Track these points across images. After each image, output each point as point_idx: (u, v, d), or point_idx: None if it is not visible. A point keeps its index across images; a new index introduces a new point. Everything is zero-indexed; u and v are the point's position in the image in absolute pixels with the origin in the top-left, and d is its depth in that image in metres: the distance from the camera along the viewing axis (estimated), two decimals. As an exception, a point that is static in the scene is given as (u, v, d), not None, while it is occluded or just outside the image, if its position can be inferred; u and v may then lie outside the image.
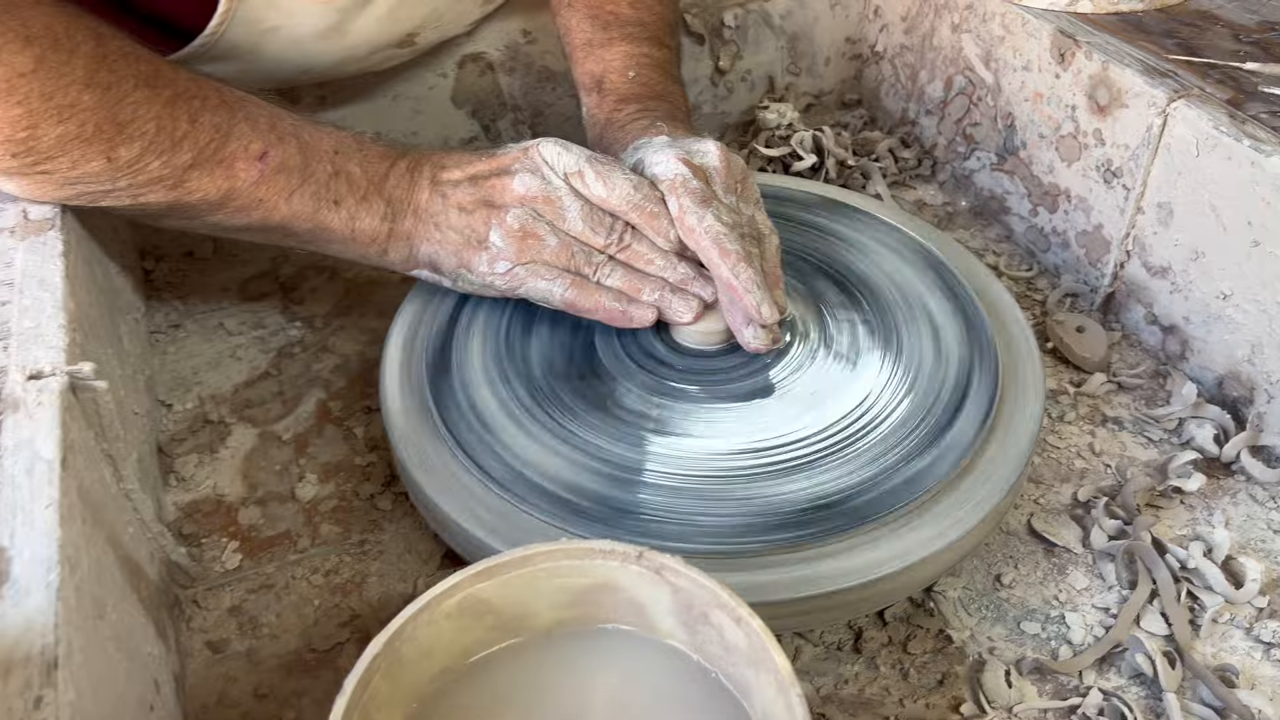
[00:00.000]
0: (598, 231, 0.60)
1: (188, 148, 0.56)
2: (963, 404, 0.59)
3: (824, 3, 0.95)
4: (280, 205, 0.60)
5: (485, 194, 0.60)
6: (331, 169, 0.61)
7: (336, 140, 0.62)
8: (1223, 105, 0.66)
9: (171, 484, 0.65)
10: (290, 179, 0.59)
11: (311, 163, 0.60)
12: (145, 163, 0.56)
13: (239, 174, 0.58)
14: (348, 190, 0.61)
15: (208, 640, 0.56)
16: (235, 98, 0.59)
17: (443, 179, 0.62)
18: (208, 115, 0.57)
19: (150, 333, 0.76)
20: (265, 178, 0.59)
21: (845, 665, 0.55)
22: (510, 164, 0.61)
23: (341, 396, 0.71)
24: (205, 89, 0.58)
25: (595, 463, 0.56)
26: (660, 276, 0.62)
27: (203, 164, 0.57)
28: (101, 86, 0.53)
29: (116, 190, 0.56)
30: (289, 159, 0.59)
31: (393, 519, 0.63)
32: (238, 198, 0.59)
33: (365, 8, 0.70)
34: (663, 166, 0.61)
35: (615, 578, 0.45)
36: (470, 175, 0.61)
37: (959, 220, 0.87)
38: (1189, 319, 0.69)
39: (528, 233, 0.60)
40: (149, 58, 0.57)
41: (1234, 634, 0.56)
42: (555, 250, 0.60)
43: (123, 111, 0.54)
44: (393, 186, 0.62)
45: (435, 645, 0.43)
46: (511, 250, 0.60)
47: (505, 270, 0.61)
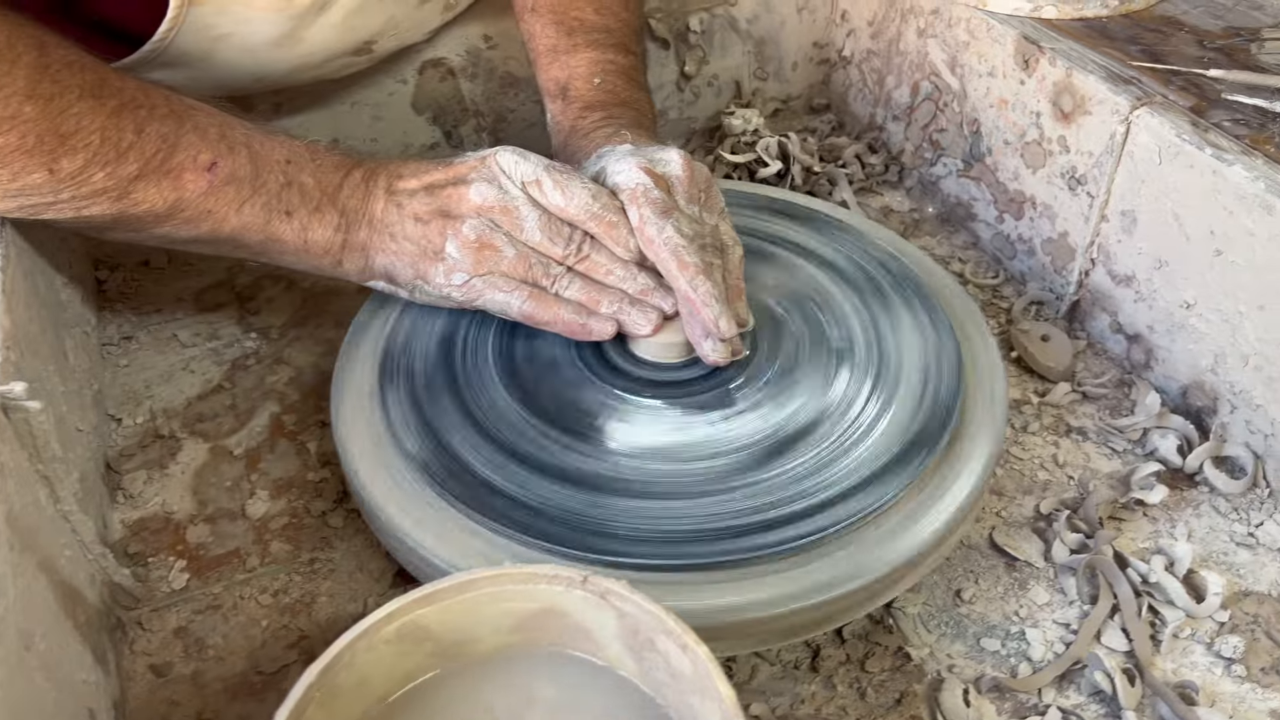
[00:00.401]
0: (555, 242, 0.59)
1: (133, 159, 0.55)
2: (922, 416, 0.58)
3: (790, 7, 0.94)
4: (230, 216, 0.58)
5: (441, 204, 0.59)
6: (283, 179, 0.59)
7: (289, 150, 0.60)
8: (1185, 113, 0.65)
9: (119, 501, 0.64)
10: (240, 190, 0.58)
11: (263, 173, 0.59)
12: (89, 174, 0.54)
13: (187, 185, 0.57)
14: (300, 201, 0.60)
15: (151, 664, 0.55)
16: (184, 107, 0.58)
17: (398, 189, 0.61)
18: (155, 125, 0.56)
19: (102, 345, 0.74)
20: (214, 189, 0.57)
21: (802, 684, 0.54)
22: (467, 173, 0.60)
23: (295, 410, 0.70)
24: (153, 98, 0.57)
25: (551, 478, 0.55)
26: (619, 288, 0.60)
27: (149, 175, 0.56)
28: (44, 98, 0.52)
29: (59, 203, 0.55)
30: (239, 169, 0.58)
31: (344, 536, 0.61)
32: (186, 209, 0.57)
33: (320, 16, 0.69)
34: (624, 175, 0.60)
35: (561, 603, 0.44)
36: (426, 185, 0.60)
37: (926, 227, 0.87)
38: (1153, 328, 0.69)
39: (484, 243, 0.58)
40: (95, 67, 0.55)
41: (1195, 649, 0.55)
42: (512, 261, 0.59)
43: (66, 123, 0.53)
44: (347, 197, 0.61)
45: (373, 672, 0.42)
46: (468, 261, 0.59)
47: (462, 282, 0.59)
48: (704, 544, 0.51)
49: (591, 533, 0.52)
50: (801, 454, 0.56)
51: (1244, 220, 0.60)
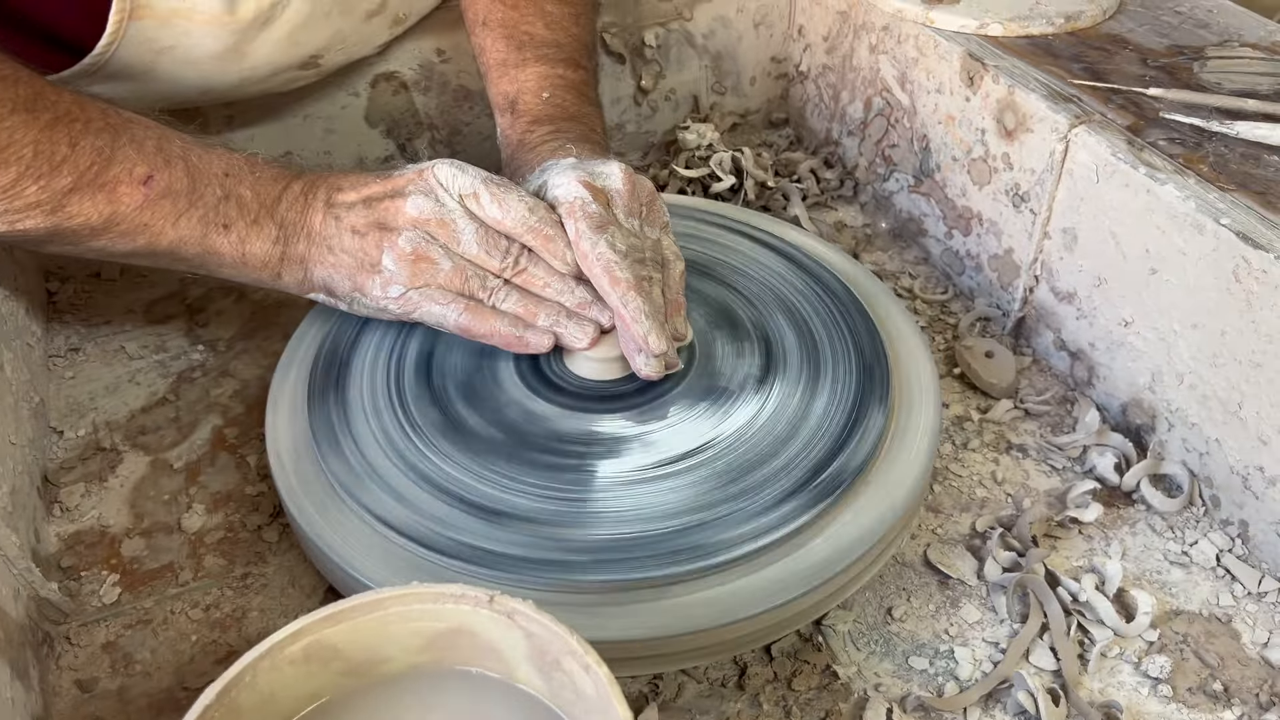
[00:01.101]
0: (492, 254, 0.59)
1: (67, 172, 0.55)
2: (853, 431, 0.58)
3: (747, 22, 0.94)
4: (167, 230, 0.58)
5: (378, 216, 0.59)
6: (221, 192, 0.59)
7: (227, 162, 0.60)
8: (1122, 132, 0.65)
9: (55, 514, 0.63)
10: (177, 203, 0.58)
11: (199, 186, 0.59)
12: (21, 188, 0.54)
13: (122, 198, 0.57)
14: (238, 214, 0.60)
15: (77, 679, 0.55)
16: (121, 120, 0.58)
17: (337, 201, 0.61)
18: (90, 139, 0.56)
19: (48, 356, 0.74)
20: (150, 202, 0.57)
21: (728, 702, 0.54)
22: (404, 186, 0.60)
23: (238, 423, 0.70)
24: (89, 112, 0.57)
25: (462, 503, 0.55)
26: (556, 301, 0.61)
27: (83, 188, 0.56)
28: None
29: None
30: (175, 182, 0.58)
31: (278, 551, 0.61)
32: (121, 222, 0.57)
33: (263, 30, 0.69)
34: (563, 189, 0.60)
35: (470, 622, 0.43)
36: (364, 198, 0.60)
37: (878, 242, 0.87)
38: (1094, 345, 0.69)
39: (420, 256, 0.59)
40: (29, 80, 0.55)
41: (1123, 669, 0.55)
42: (449, 274, 0.59)
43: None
44: (285, 209, 0.61)
45: (278, 693, 0.42)
46: (404, 274, 0.59)
47: (398, 294, 0.59)
48: (632, 565, 0.52)
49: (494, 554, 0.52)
50: (724, 468, 0.56)
51: (1176, 239, 0.60)
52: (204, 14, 0.65)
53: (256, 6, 0.66)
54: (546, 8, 0.75)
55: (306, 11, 0.70)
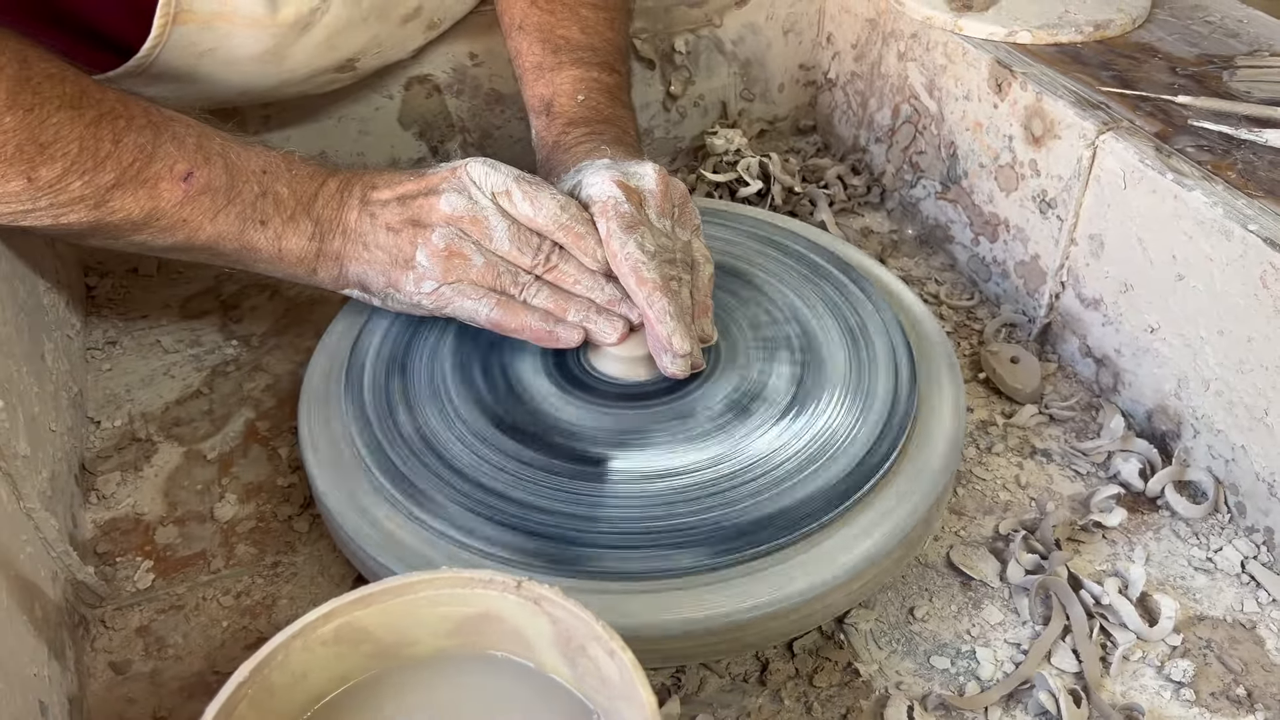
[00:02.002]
0: (524, 251, 0.60)
1: (110, 168, 0.57)
2: (877, 435, 0.58)
3: (776, 29, 0.95)
4: (205, 225, 0.60)
5: (413, 214, 0.61)
6: (259, 189, 0.61)
7: (265, 160, 0.62)
8: (1150, 138, 0.65)
9: (92, 501, 0.65)
10: (215, 199, 0.60)
11: (238, 183, 0.60)
12: (67, 183, 0.56)
13: (163, 194, 0.58)
14: (274, 210, 0.61)
15: (111, 661, 0.56)
16: (163, 118, 0.59)
17: (372, 199, 0.62)
18: (132, 135, 0.57)
19: (86, 349, 0.76)
20: (190, 198, 0.59)
21: (750, 698, 0.54)
22: (438, 184, 0.61)
23: (270, 416, 0.71)
24: (132, 109, 0.58)
25: (491, 494, 0.56)
26: (586, 297, 0.62)
27: (126, 184, 0.57)
28: (24, 109, 0.54)
29: (37, 210, 0.57)
30: (214, 179, 0.59)
31: (308, 541, 0.62)
32: (162, 218, 0.59)
33: (303, 34, 0.70)
34: (597, 188, 0.61)
35: (497, 607, 0.44)
36: (399, 195, 0.62)
37: (904, 248, 0.87)
38: (1120, 351, 0.69)
39: (453, 252, 0.60)
40: (76, 78, 0.57)
41: (1145, 672, 0.55)
42: (481, 270, 0.60)
43: (44, 133, 0.54)
44: (321, 206, 0.62)
45: (309, 672, 0.43)
46: (438, 270, 0.60)
47: (431, 290, 0.61)
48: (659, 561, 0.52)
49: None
50: (748, 469, 0.57)
51: (1203, 245, 0.60)
52: (245, 17, 0.66)
53: (296, 11, 0.68)
54: (582, 12, 0.76)
55: (345, 16, 0.71)
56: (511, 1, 0.77)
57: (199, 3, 0.65)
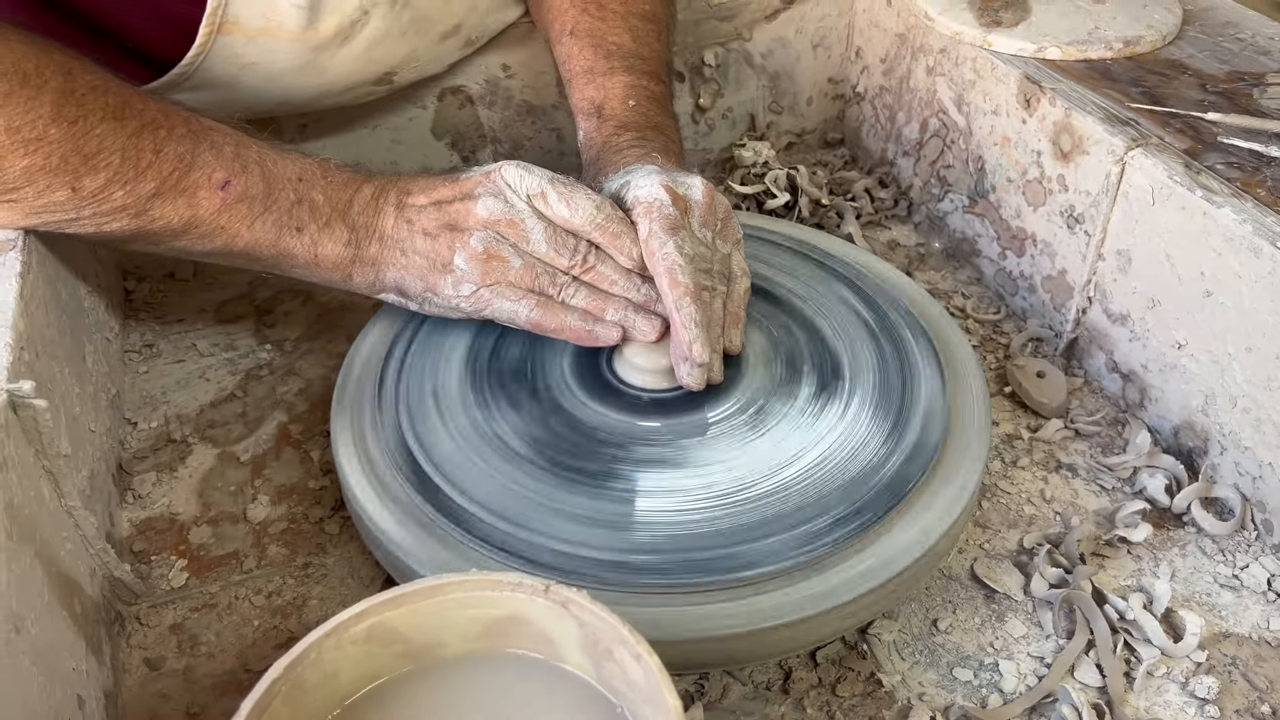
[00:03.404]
0: (561, 252, 0.61)
1: (151, 177, 0.58)
2: (901, 446, 0.59)
3: (805, 43, 0.96)
4: (243, 232, 0.61)
5: (449, 218, 0.62)
6: (294, 196, 0.62)
7: (301, 167, 0.63)
8: (1179, 155, 0.66)
9: (128, 501, 0.66)
10: (252, 207, 0.61)
11: (274, 190, 0.61)
12: (109, 192, 0.57)
13: (201, 202, 0.59)
14: (310, 217, 0.62)
15: (146, 657, 0.57)
16: (202, 127, 0.61)
17: (407, 204, 0.63)
18: (172, 145, 0.59)
19: (124, 351, 0.77)
20: (227, 205, 0.60)
21: (772, 705, 0.55)
22: (473, 188, 0.62)
23: (303, 420, 0.72)
24: (173, 119, 0.59)
25: (515, 501, 0.57)
26: (624, 297, 0.62)
27: (166, 193, 0.59)
28: (68, 120, 0.55)
29: (81, 219, 0.58)
30: (251, 187, 0.61)
31: (339, 543, 0.63)
32: (200, 225, 0.60)
33: (342, 47, 0.72)
34: (645, 190, 0.62)
35: (525, 610, 0.45)
36: (434, 200, 0.63)
37: (931, 262, 0.87)
38: (1147, 367, 0.69)
39: (491, 255, 0.61)
40: (118, 90, 0.58)
41: (1169, 688, 0.55)
42: (519, 271, 0.61)
43: (88, 144, 0.56)
44: (357, 213, 0.63)
45: (340, 670, 0.44)
46: (476, 272, 0.61)
47: (470, 292, 0.62)
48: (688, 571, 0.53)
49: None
50: (777, 480, 0.57)
51: (1232, 262, 0.60)
52: (289, 30, 0.68)
53: (338, 24, 0.69)
54: (633, 22, 0.77)
55: (384, 29, 0.72)
56: (561, 9, 0.78)
57: (244, 15, 0.66)
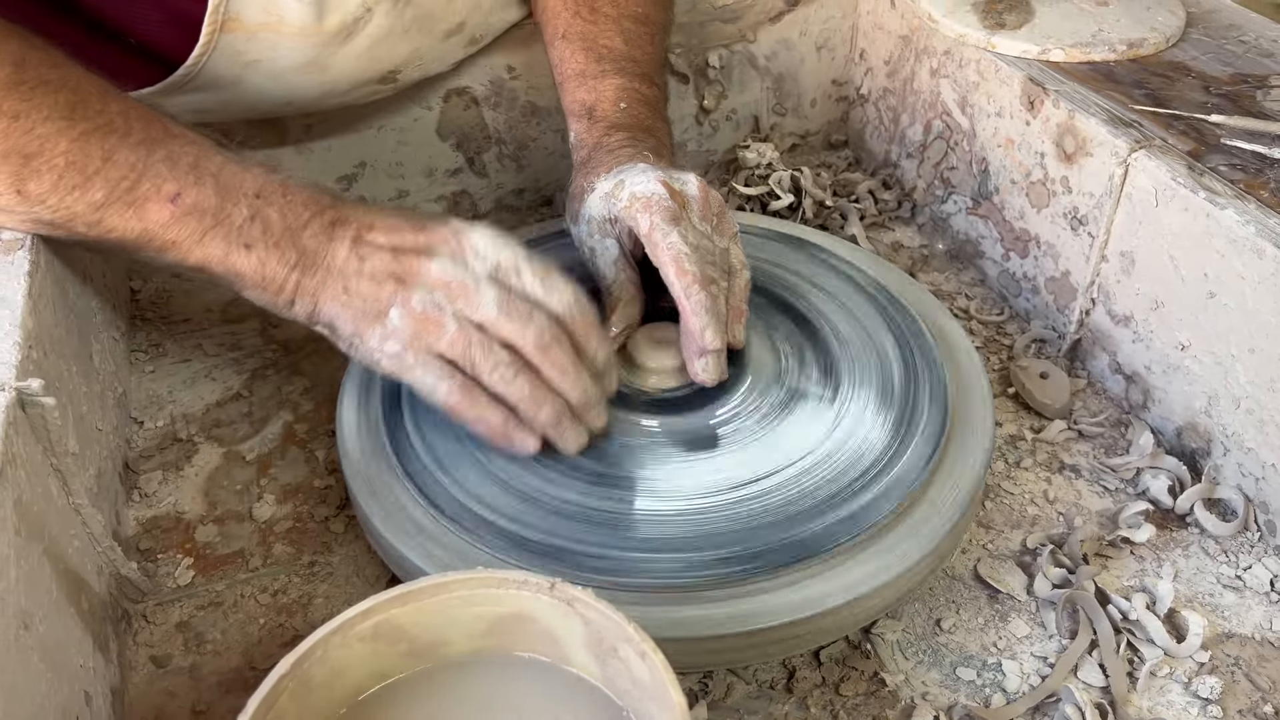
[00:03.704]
0: (513, 318, 0.56)
1: (99, 185, 0.55)
2: (904, 447, 0.59)
3: (809, 45, 0.96)
4: (194, 248, 0.57)
5: (400, 269, 0.57)
6: (248, 212, 0.57)
7: (261, 183, 0.59)
8: (1183, 157, 0.66)
9: (134, 500, 0.66)
10: (203, 220, 0.57)
11: (226, 205, 0.57)
12: (59, 198, 0.55)
13: (150, 214, 0.56)
14: (261, 235, 0.57)
15: (152, 655, 0.57)
16: (163, 134, 0.57)
17: (365, 239, 0.59)
18: (124, 153, 0.55)
19: (130, 351, 0.78)
20: (176, 219, 0.56)
21: (776, 704, 0.55)
22: (436, 244, 0.58)
23: (308, 419, 0.73)
24: (131, 124, 0.56)
25: (524, 501, 0.57)
26: (564, 395, 0.58)
27: (114, 203, 0.55)
28: (8, 115, 0.53)
29: (42, 223, 0.56)
30: (203, 200, 0.57)
31: (344, 542, 0.64)
32: (153, 239, 0.57)
33: (345, 44, 0.72)
34: (642, 186, 0.62)
35: (530, 608, 0.45)
36: (393, 245, 0.58)
37: (935, 263, 0.88)
38: (1150, 368, 0.69)
39: (428, 318, 0.56)
40: (75, 88, 0.55)
41: (1172, 688, 0.56)
42: (452, 337, 0.56)
43: (29, 143, 0.53)
44: (309, 237, 0.58)
45: (347, 668, 0.44)
46: (406, 332, 0.57)
47: (394, 351, 0.57)
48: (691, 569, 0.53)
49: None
50: (781, 479, 0.58)
51: (1235, 263, 0.61)
52: (291, 26, 0.68)
53: (341, 20, 0.69)
54: (626, 25, 0.77)
55: (387, 26, 0.72)
56: (555, 12, 0.78)
57: (247, 12, 0.66)
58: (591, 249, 0.67)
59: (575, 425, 0.59)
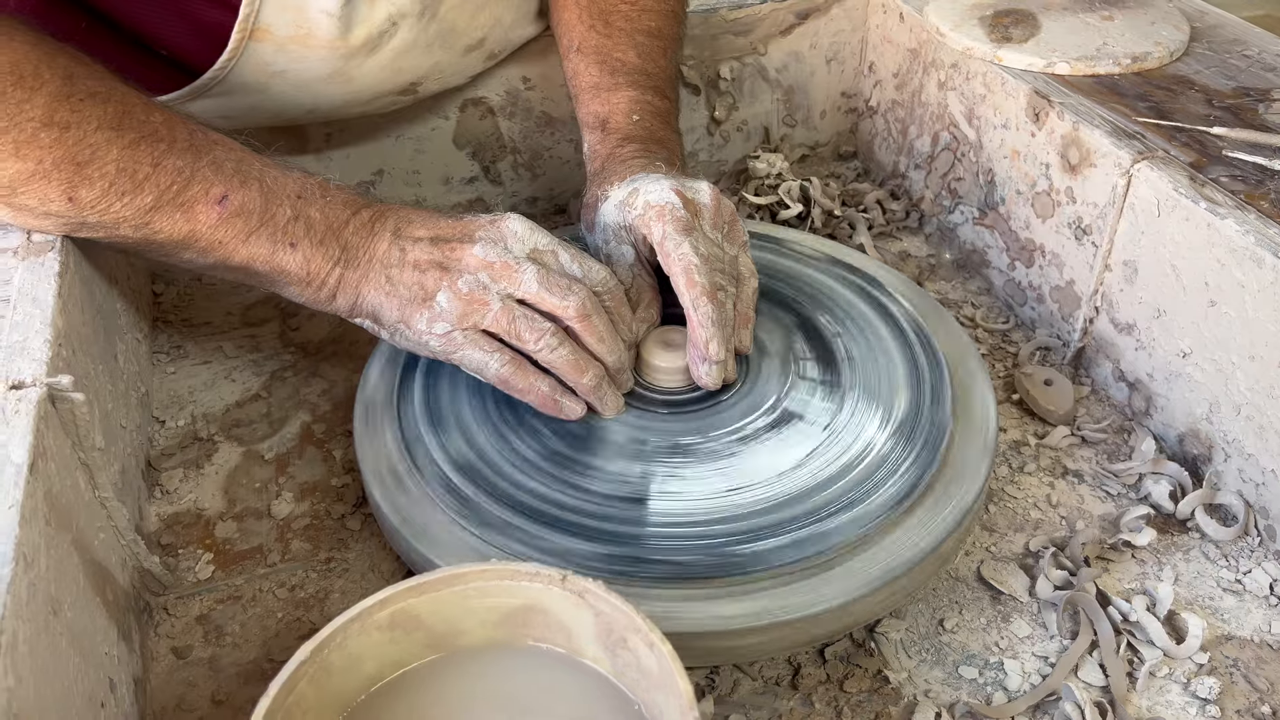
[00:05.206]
0: (553, 292, 0.60)
1: (149, 190, 0.58)
2: (912, 450, 0.60)
3: (819, 58, 0.98)
4: (239, 248, 0.60)
5: (443, 256, 0.61)
6: (291, 213, 0.61)
7: (301, 185, 0.62)
8: (1184, 168, 0.67)
9: (156, 496, 0.68)
10: (249, 221, 0.60)
11: (271, 206, 0.61)
12: (108, 203, 0.57)
13: (199, 216, 0.59)
14: (305, 233, 0.61)
15: (173, 646, 0.59)
16: (206, 141, 0.61)
17: (405, 233, 0.62)
18: (172, 159, 0.58)
19: (153, 352, 0.80)
20: (224, 220, 0.60)
21: (781, 700, 0.56)
22: (475, 230, 0.62)
23: (325, 420, 0.74)
24: (176, 132, 0.59)
25: (535, 497, 0.59)
26: (604, 360, 0.62)
27: (164, 207, 0.58)
28: (60, 126, 0.55)
29: (88, 226, 0.59)
30: (249, 202, 0.60)
31: (360, 538, 0.65)
32: (199, 239, 0.60)
33: (369, 56, 0.74)
34: (656, 194, 0.64)
35: (543, 600, 0.47)
36: (433, 235, 0.62)
37: (942, 272, 0.89)
38: (1152, 376, 0.70)
39: (475, 298, 0.60)
40: (122, 99, 0.58)
41: (1171, 688, 0.57)
42: (497, 314, 0.59)
43: (81, 152, 0.56)
44: (351, 233, 0.62)
45: (365, 656, 0.45)
46: (454, 313, 0.60)
47: (444, 332, 0.60)
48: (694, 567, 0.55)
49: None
50: (785, 483, 0.59)
51: (1235, 272, 0.62)
52: (318, 39, 0.70)
53: (367, 34, 0.71)
54: (639, 39, 0.78)
55: (411, 40, 0.74)
56: (570, 25, 0.80)
57: (276, 23, 0.68)
58: (608, 255, 0.68)
59: (613, 390, 0.63)
